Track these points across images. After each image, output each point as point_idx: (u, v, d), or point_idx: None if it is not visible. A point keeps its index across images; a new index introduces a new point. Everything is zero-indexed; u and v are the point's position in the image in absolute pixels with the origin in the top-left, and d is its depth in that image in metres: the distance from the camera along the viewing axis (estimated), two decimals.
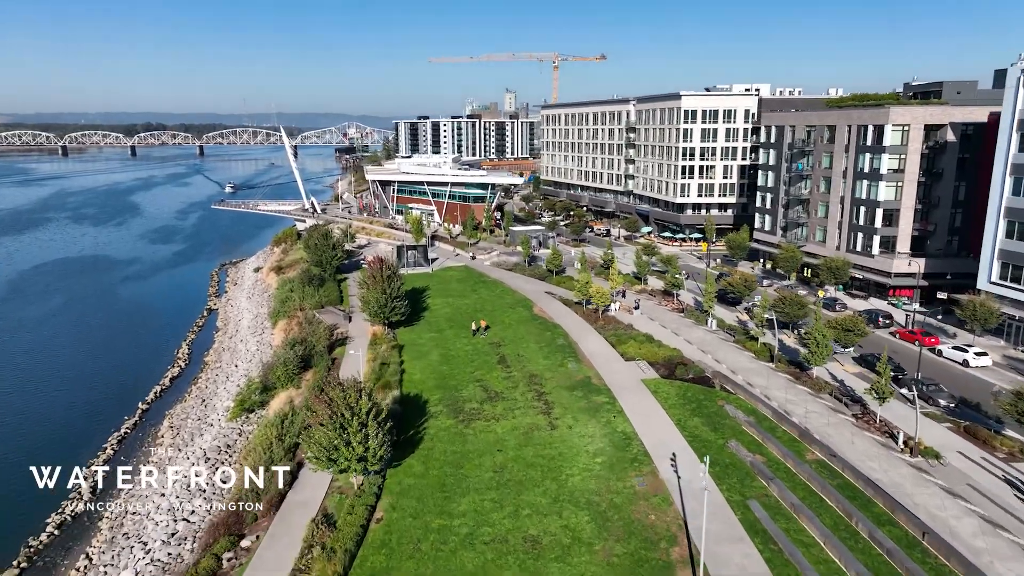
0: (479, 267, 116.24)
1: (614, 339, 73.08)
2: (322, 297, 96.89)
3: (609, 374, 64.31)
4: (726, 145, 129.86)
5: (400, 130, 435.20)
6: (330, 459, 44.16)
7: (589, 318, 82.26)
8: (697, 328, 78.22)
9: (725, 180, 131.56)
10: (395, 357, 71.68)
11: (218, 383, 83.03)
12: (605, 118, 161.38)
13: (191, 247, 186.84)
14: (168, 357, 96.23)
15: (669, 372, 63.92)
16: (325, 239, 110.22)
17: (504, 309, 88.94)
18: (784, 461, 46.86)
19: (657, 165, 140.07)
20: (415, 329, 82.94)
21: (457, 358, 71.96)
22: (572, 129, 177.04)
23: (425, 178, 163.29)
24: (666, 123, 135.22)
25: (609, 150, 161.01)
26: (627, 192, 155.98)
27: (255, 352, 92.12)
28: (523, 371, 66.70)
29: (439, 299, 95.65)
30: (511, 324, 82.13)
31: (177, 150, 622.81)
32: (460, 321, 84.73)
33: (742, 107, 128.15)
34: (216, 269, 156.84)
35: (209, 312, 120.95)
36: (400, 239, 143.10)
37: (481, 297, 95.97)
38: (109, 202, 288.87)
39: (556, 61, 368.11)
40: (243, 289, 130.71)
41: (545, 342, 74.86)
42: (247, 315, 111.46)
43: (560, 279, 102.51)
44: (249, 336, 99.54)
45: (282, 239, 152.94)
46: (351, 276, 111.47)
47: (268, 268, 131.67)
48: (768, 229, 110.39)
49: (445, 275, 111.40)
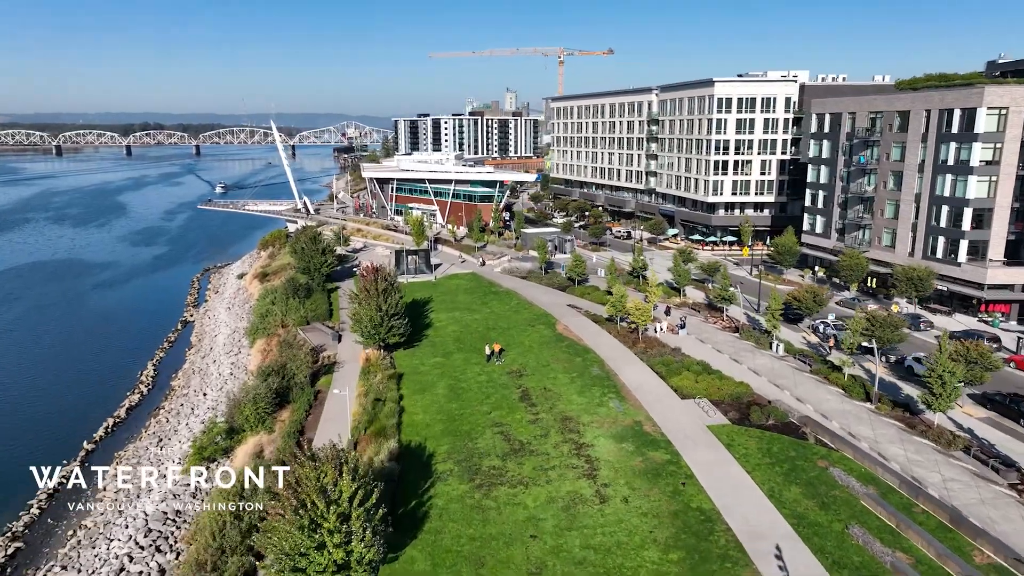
0: (489, 274, 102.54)
1: (662, 368, 59.29)
2: (308, 311, 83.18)
3: (664, 417, 50.57)
4: (764, 137, 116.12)
5: (400, 128, 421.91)
6: (296, 569, 30.46)
7: (625, 339, 68.55)
8: (760, 353, 64.41)
9: (763, 176, 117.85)
10: (392, 391, 57.94)
11: (181, 417, 69.36)
12: (623, 109, 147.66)
13: (174, 250, 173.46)
14: (130, 380, 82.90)
15: (741, 415, 50.19)
16: (313, 243, 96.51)
17: (522, 327, 75.21)
18: (943, 565, 33.05)
19: (684, 160, 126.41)
20: (417, 352, 69.21)
21: (469, 392, 58.22)
22: (586, 122, 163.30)
23: (427, 175, 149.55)
24: (695, 113, 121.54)
25: (628, 144, 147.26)
26: (648, 190, 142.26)
27: (228, 377, 78.41)
28: (553, 412, 52.97)
29: (444, 314, 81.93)
30: (532, 347, 68.38)
31: (173, 150, 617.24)
32: (470, 342, 71.02)
33: (782, 94, 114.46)
34: (199, 275, 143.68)
35: (184, 325, 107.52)
36: (399, 242, 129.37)
37: (493, 311, 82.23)
38: (94, 202, 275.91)
39: (562, 56, 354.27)
40: (223, 298, 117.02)
41: (576, 371, 61.09)
42: (224, 329, 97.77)
43: (584, 289, 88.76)
44: (223, 356, 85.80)
45: (270, 242, 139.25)
46: (343, 285, 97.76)
47: (252, 275, 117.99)
48: (820, 232, 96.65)
49: (450, 284, 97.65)
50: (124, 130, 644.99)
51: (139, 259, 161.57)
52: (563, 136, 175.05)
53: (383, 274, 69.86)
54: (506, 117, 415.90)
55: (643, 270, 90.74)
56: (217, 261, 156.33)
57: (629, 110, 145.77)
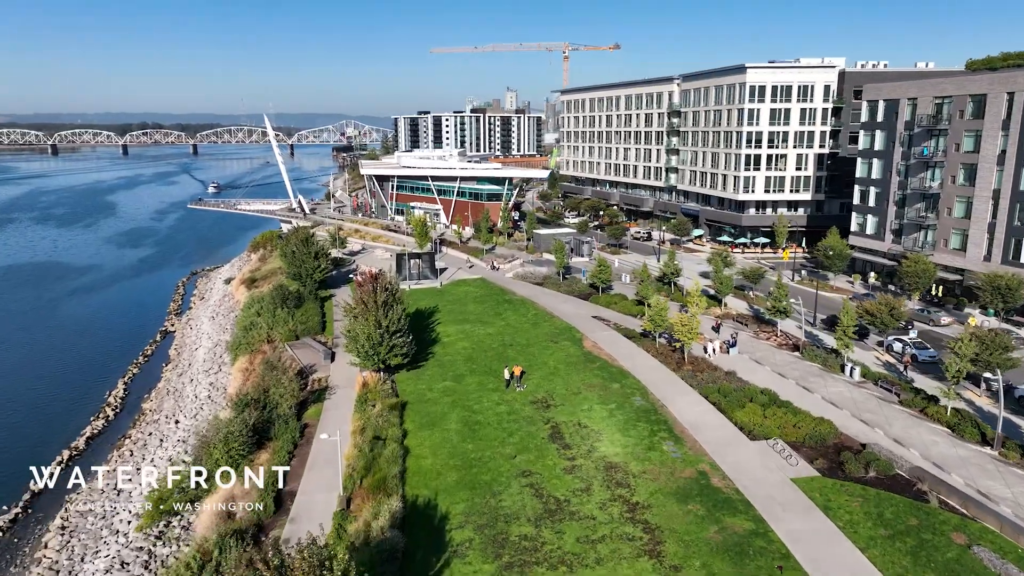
0: (500, 280, 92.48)
1: (719, 398, 49.20)
2: (298, 324, 73.04)
3: (735, 466, 40.50)
4: (801, 129, 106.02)
5: (400, 126, 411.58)
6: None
7: (667, 359, 58.46)
8: (832, 378, 54.28)
9: (799, 172, 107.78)
10: (394, 426, 47.88)
11: (148, 449, 59.38)
12: (641, 101, 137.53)
13: (161, 252, 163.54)
14: (96, 401, 73.06)
15: (831, 464, 40.12)
16: (305, 246, 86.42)
17: (543, 343, 65.10)
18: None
19: (710, 155, 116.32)
20: (423, 374, 59.13)
21: (486, 427, 48.16)
22: (599, 116, 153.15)
23: (430, 172, 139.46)
24: (724, 103, 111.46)
25: (646, 139, 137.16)
26: (668, 188, 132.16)
27: (205, 400, 68.34)
28: (592, 456, 42.92)
29: (453, 327, 71.85)
30: (558, 369, 58.29)
31: (171, 149, 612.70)
32: (484, 361, 60.97)
33: (820, 82, 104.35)
34: (185, 279, 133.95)
35: (164, 336, 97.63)
36: (400, 244, 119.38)
37: (509, 324, 72.12)
38: (83, 202, 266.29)
39: (567, 51, 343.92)
40: (208, 306, 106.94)
41: (614, 400, 51.02)
42: (206, 342, 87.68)
43: (609, 298, 78.70)
44: (201, 375, 75.72)
45: (261, 243, 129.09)
46: (338, 293, 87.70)
47: (239, 280, 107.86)
48: (871, 233, 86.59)
49: (458, 291, 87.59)
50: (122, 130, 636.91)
51: (123, 262, 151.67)
52: (573, 131, 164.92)
53: (383, 282, 59.77)
54: (509, 115, 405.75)
55: (675, 276, 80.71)
56: (206, 264, 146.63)
57: (647, 101, 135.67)
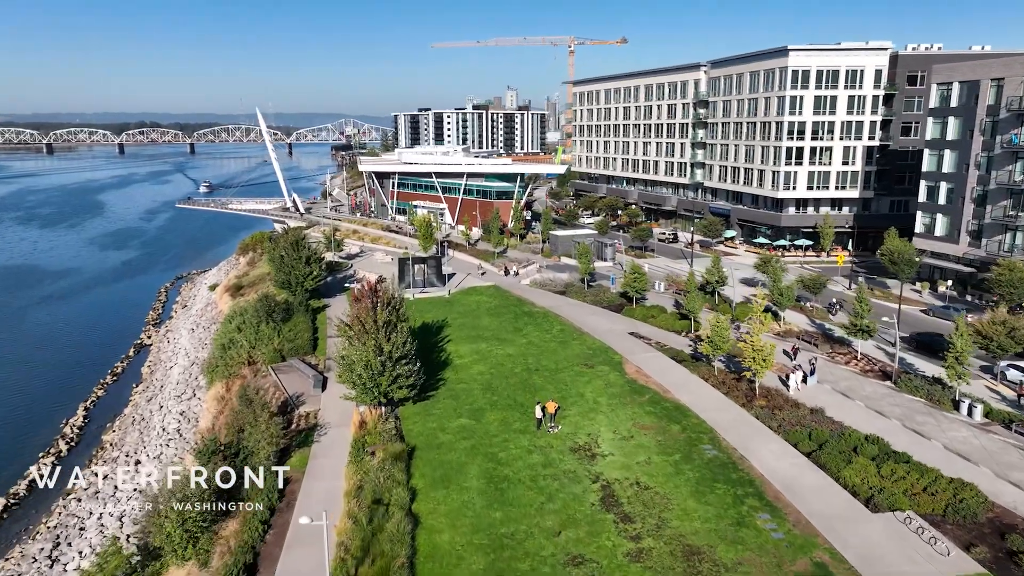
0: (515, 288, 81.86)
1: (812, 447, 38.62)
2: (284, 342, 62.42)
3: (865, 554, 29.87)
4: (848, 119, 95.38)
5: (400, 123, 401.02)
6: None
7: (730, 390, 47.87)
8: (945, 417, 43.58)
9: (845, 167, 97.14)
10: (399, 485, 37.24)
11: (96, 503, 48.88)
12: (663, 91, 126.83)
13: (147, 254, 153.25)
14: (49, 432, 62.91)
15: (995, 551, 29.54)
16: (296, 249, 75.75)
17: (576, 368, 54.47)
18: None
19: (744, 148, 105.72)
20: (432, 408, 48.51)
21: (517, 486, 37.57)
22: (615, 108, 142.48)
23: (433, 168, 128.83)
24: (761, 90, 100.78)
25: (669, 131, 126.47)
26: (694, 185, 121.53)
27: (173, 434, 57.83)
28: (663, 533, 32.33)
29: (466, 345, 61.21)
30: (598, 403, 47.66)
31: (168, 148, 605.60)
32: (506, 391, 50.38)
33: (870, 66, 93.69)
34: (169, 284, 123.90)
35: (139, 350, 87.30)
36: (402, 246, 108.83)
37: (532, 342, 61.44)
38: (72, 201, 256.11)
39: (572, 45, 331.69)
40: (190, 315, 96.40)
41: (677, 449, 40.40)
42: (182, 359, 77.13)
43: (646, 311, 68.05)
44: (172, 400, 65.15)
45: (250, 246, 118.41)
46: (333, 303, 77.13)
47: (223, 287, 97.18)
48: (942, 234, 76.02)
49: (469, 301, 76.94)
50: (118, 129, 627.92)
51: (105, 265, 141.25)
52: (587, 124, 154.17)
53: (384, 296, 49.10)
54: (512, 111, 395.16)
55: (720, 285, 70.17)
56: (192, 267, 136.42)
57: (670, 91, 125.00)
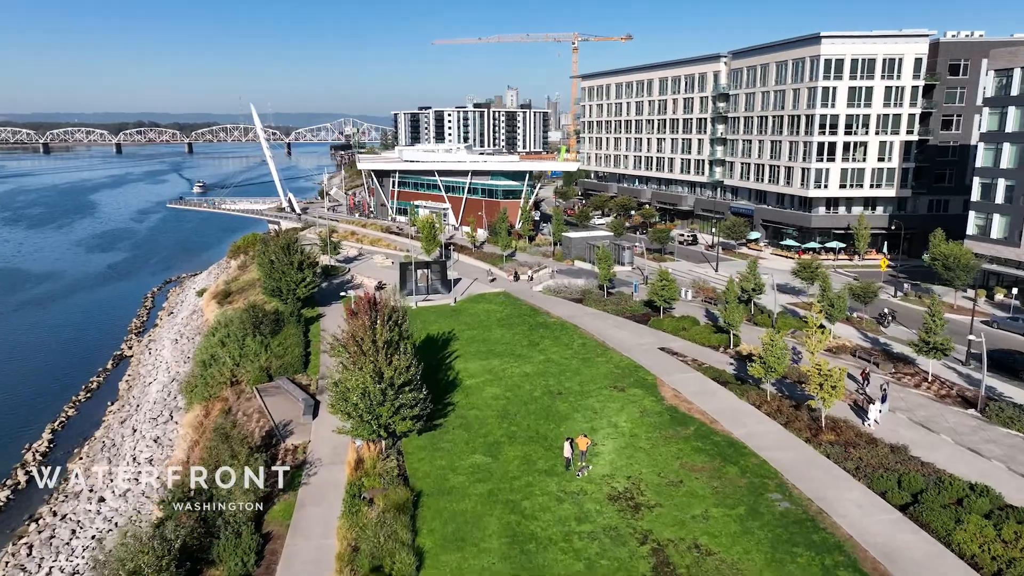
0: (527, 295, 74.93)
1: (904, 497, 31.70)
2: (273, 358, 55.53)
3: None
4: (885, 112, 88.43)
5: (400, 122, 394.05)
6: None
7: (789, 419, 40.93)
8: None
9: (881, 163, 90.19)
10: (403, 548, 30.29)
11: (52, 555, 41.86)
12: (680, 84, 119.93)
13: (136, 257, 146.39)
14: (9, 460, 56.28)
15: None
16: (287, 254, 68.81)
17: (604, 390, 47.55)
18: None
19: (770, 144, 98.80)
20: (441, 440, 41.60)
21: (547, 548, 30.65)
22: (627, 103, 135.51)
23: (436, 166, 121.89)
24: (789, 81, 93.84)
25: (685, 127, 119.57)
26: (713, 183, 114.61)
27: (143, 465, 50.88)
28: None
29: (476, 362, 54.30)
30: (636, 435, 40.73)
31: (166, 148, 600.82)
32: (526, 420, 43.48)
33: (910, 54, 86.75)
34: (157, 288, 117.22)
35: (118, 362, 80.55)
36: (403, 249, 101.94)
37: (551, 359, 54.50)
38: (63, 201, 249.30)
39: (576, 42, 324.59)
40: (175, 323, 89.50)
41: (740, 500, 33.46)
42: (162, 375, 70.21)
43: (675, 322, 61.06)
44: (147, 424, 58.25)
45: (242, 248, 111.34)
46: (329, 313, 70.24)
47: (210, 293, 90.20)
48: (999, 236, 69.17)
49: (477, 310, 69.99)
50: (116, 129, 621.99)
51: (90, 268, 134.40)
52: (596, 120, 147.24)
53: (385, 310, 42.17)
54: (513, 110, 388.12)
55: (757, 293, 63.31)
56: (182, 270, 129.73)
57: (687, 85, 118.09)
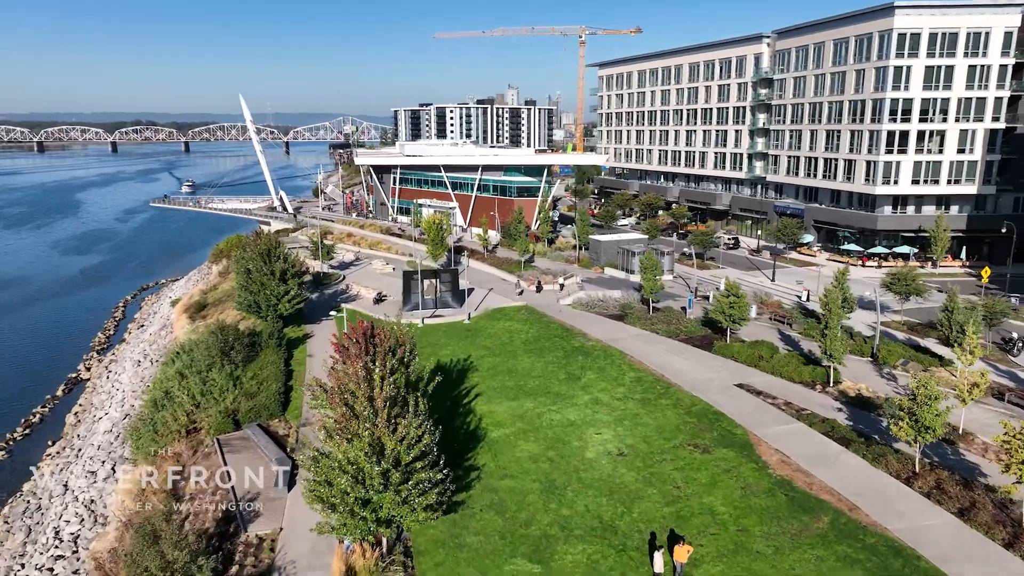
0: (554, 309, 62.68)
1: None
2: (242, 397, 43.30)
3: None
4: (967, 95, 76.23)
5: (400, 119, 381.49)
6: None
7: (963, 505, 28.77)
8: None
9: (961, 155, 78.00)
10: None
11: None
12: (713, 70, 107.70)
13: (113, 260, 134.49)
14: None
15: None
16: (266, 260, 56.69)
17: (680, 450, 35.33)
18: None
19: (825, 134, 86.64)
20: (463, 533, 29.39)
21: None
22: (651, 92, 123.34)
23: (443, 161, 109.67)
24: (851, 61, 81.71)
25: (720, 117, 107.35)
26: (753, 179, 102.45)
27: (64, 551, 38.51)
28: None
29: (503, 403, 42.15)
30: (750, 533, 28.51)
31: (162, 147, 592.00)
32: (582, 502, 31.39)
33: (999, 28, 74.57)
34: (131, 296, 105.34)
35: (71, 388, 68.63)
36: (405, 253, 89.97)
37: (597, 399, 42.29)
38: (47, 200, 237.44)
39: (583, 35, 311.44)
40: (142, 340, 77.27)
41: None
42: (116, 409, 57.92)
43: (749, 349, 48.75)
44: (83, 479, 46.01)
45: (224, 252, 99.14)
46: (318, 331, 58.11)
47: (183, 306, 77.83)
48: None
49: (497, 330, 57.78)
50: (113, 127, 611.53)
51: (62, 272, 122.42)
52: (615, 112, 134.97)
53: (385, 347, 29.98)
54: (518, 107, 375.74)
55: (848, 310, 51.09)
56: (162, 275, 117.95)
57: (722, 70, 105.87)
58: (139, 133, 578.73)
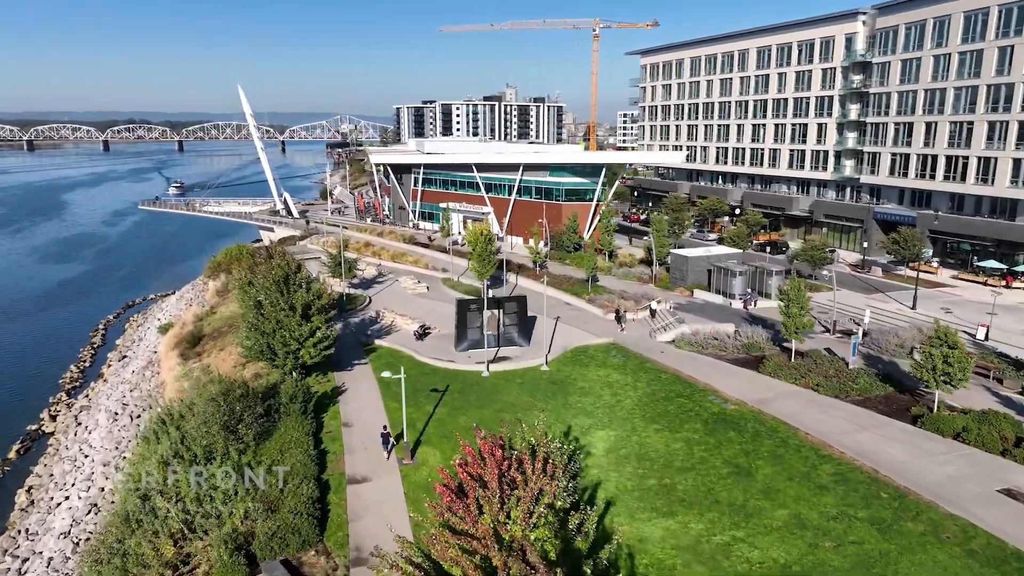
0: (652, 350, 48.09)
1: None
2: (257, 511, 28.42)
3: None
4: None
5: (402, 117, 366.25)
6: None
7: None
8: None
9: None
10: None
11: None
12: (790, 54, 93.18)
13: (98, 269, 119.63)
14: None
15: None
16: (283, 291, 41.88)
17: None
18: None
19: (948, 127, 72.21)
20: None
21: None
22: (708, 81, 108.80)
23: (474, 159, 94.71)
24: (979, 38, 67.38)
25: (798, 110, 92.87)
26: (842, 181, 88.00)
27: None
28: None
29: (650, 519, 27.51)
30: None
31: (155, 146, 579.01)
32: None
33: None
34: (114, 315, 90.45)
35: (30, 446, 54.12)
36: (437, 267, 75.48)
37: (800, 516, 27.66)
38: (29, 201, 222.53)
39: (597, 28, 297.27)
40: (123, 379, 62.17)
41: None
42: (78, 492, 42.90)
43: (982, 427, 34.15)
44: None
45: (223, 265, 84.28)
46: (351, 383, 43.30)
47: (173, 337, 62.47)
48: None
49: (591, 382, 43.08)
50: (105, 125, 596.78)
51: (37, 285, 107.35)
52: (661, 105, 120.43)
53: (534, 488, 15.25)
54: (526, 104, 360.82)
55: None
56: (150, 289, 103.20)
57: (801, 55, 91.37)
58: (132, 132, 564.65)
